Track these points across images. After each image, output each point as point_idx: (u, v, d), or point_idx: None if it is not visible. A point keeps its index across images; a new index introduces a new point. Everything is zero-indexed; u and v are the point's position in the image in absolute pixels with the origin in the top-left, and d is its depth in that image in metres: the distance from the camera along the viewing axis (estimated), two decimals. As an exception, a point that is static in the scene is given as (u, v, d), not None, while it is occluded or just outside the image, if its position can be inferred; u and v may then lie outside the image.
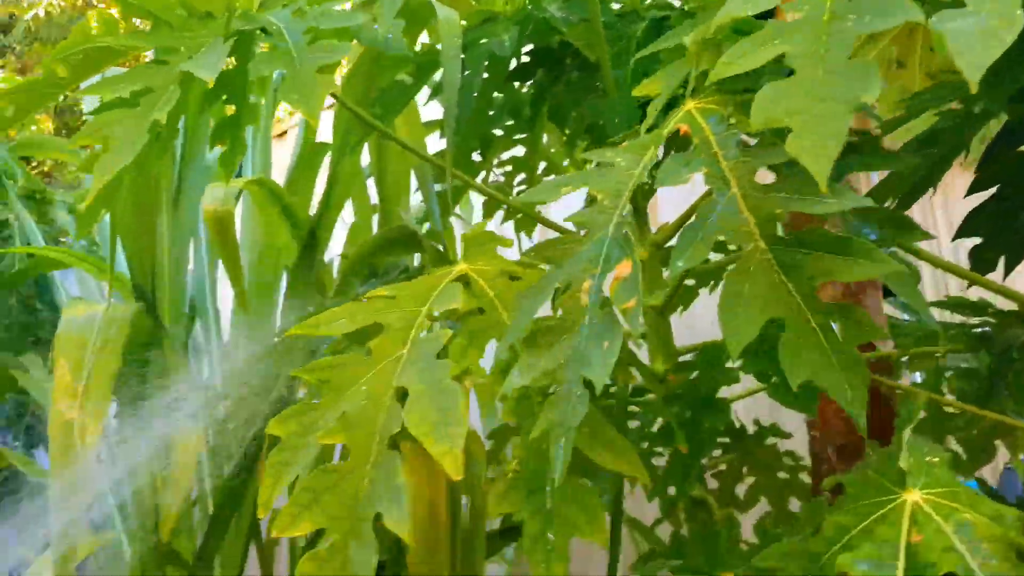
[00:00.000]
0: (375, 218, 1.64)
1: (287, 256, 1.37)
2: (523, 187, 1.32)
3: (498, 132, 1.12)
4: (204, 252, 1.63)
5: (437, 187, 1.17)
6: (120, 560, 1.48)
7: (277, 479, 0.53)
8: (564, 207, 0.57)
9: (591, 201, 0.53)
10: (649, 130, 0.55)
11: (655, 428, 0.88)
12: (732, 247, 0.98)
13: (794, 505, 1.04)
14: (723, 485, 1.02)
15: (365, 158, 1.49)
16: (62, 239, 2.08)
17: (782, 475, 1.04)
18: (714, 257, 0.54)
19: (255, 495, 1.47)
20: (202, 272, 1.59)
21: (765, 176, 0.49)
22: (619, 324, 0.44)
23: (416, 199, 1.59)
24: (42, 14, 5.09)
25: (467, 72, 0.93)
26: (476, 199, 1.64)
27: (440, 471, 0.91)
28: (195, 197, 1.59)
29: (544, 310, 0.50)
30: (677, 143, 0.58)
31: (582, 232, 0.54)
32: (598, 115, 0.81)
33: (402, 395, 0.53)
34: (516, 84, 1.02)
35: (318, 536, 1.37)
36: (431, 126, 1.29)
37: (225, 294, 1.64)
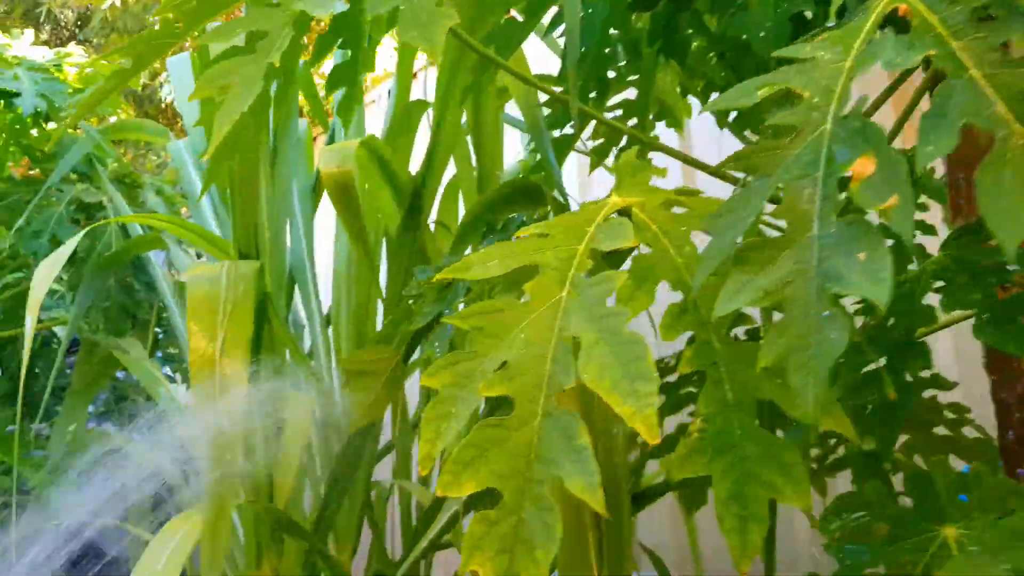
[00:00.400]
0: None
1: (389, 221, 1.32)
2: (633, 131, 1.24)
3: (610, 73, 1.05)
4: (300, 224, 1.60)
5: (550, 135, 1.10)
6: (233, 529, 1.47)
7: (437, 433, 0.47)
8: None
9: (781, 103, 0.46)
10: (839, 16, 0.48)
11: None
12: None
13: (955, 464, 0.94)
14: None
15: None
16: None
17: (940, 431, 0.95)
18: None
19: (368, 469, 1.44)
20: (299, 244, 1.56)
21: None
22: (874, 229, 0.37)
23: (507, 161, 1.53)
24: (118, 3, 5.16)
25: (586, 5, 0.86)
26: (571, 160, 1.57)
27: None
28: (288, 170, 1.55)
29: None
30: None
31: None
32: (742, 30, 0.73)
33: (570, 343, 0.47)
34: (633, 18, 0.95)
35: (433, 512, 1.33)
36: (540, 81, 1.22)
37: (321, 268, 1.62)
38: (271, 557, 1.40)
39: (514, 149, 1.57)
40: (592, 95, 1.02)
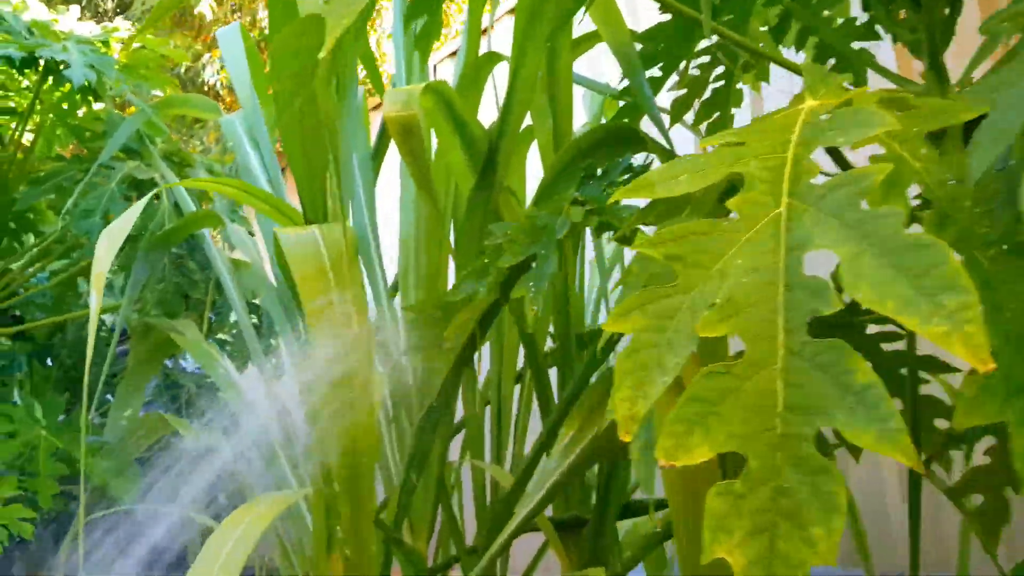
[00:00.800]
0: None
1: (461, 179, 1.23)
2: (721, 82, 1.14)
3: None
4: (361, 193, 1.52)
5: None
6: (300, 518, 1.40)
7: (638, 388, 0.38)
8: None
9: None
10: None
11: None
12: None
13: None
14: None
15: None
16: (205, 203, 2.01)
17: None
18: None
19: (442, 449, 1.36)
20: (360, 214, 1.48)
21: None
22: None
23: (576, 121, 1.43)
24: (157, -12, 5.10)
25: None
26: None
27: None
28: (348, 137, 1.47)
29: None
30: None
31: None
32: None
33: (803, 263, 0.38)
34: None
35: (516, 494, 1.24)
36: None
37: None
38: (343, 543, 1.32)
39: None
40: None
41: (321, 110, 1.01)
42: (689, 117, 1.13)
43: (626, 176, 0.87)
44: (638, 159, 0.98)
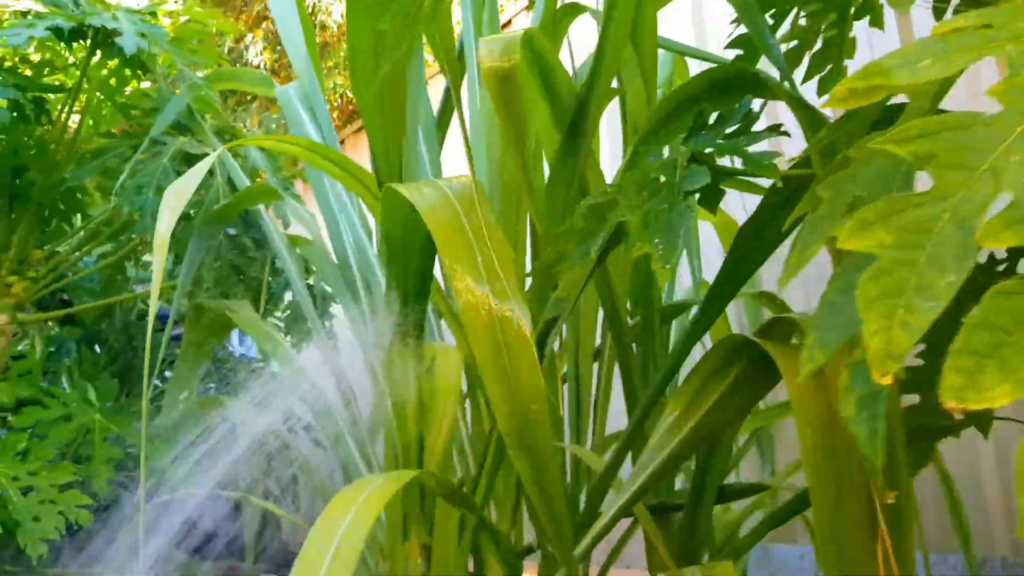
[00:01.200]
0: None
1: (544, 140, 1.15)
2: (831, 32, 1.05)
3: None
4: (427, 163, 1.45)
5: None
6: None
7: (891, 316, 0.30)
8: None
9: None
10: None
11: None
12: None
13: None
14: None
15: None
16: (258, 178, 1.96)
17: None
18: None
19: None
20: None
21: None
22: None
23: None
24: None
25: None
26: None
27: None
28: (415, 106, 1.40)
29: None
30: None
31: None
32: None
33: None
34: None
35: (608, 479, 1.15)
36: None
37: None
38: (420, 529, 1.24)
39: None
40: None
41: (393, 84, 0.94)
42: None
43: (736, 126, 0.78)
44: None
